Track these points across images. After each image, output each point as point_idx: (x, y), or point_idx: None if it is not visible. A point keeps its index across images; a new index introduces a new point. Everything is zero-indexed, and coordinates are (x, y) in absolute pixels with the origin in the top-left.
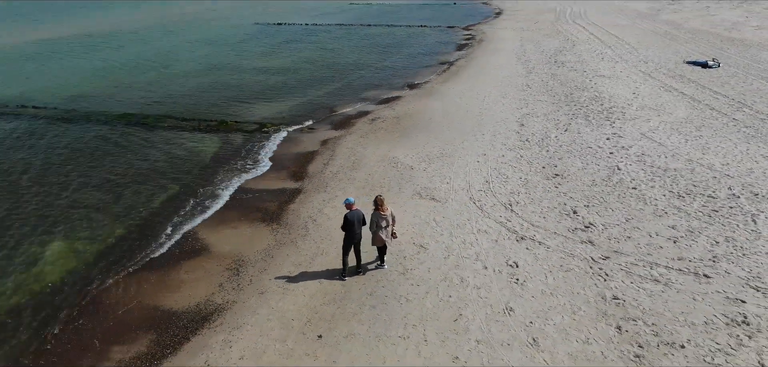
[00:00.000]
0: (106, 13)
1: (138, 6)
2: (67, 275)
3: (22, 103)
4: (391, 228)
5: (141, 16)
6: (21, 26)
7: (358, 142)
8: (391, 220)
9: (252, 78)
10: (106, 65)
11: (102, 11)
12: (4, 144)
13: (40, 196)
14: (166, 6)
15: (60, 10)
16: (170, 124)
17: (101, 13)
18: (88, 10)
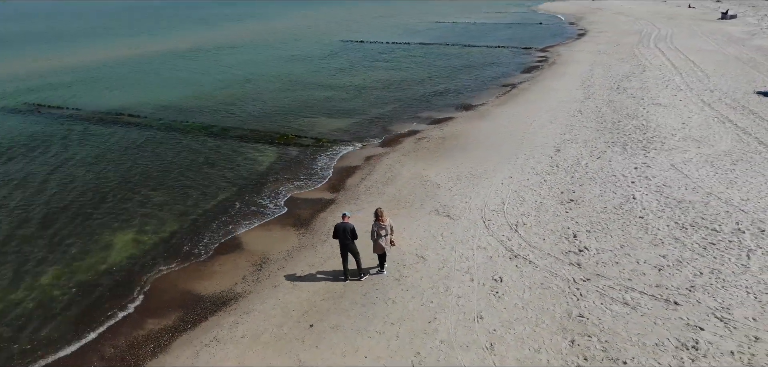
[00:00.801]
0: (211, 28)
1: (244, 22)
2: (128, 260)
3: (120, 111)
4: (390, 237)
5: (243, 32)
6: (135, 39)
7: (398, 159)
8: (390, 229)
9: (321, 94)
10: (196, 78)
11: (208, 26)
12: (100, 146)
13: (121, 192)
14: (270, 22)
15: (173, 23)
16: (239, 134)
17: (207, 28)
18: (197, 26)
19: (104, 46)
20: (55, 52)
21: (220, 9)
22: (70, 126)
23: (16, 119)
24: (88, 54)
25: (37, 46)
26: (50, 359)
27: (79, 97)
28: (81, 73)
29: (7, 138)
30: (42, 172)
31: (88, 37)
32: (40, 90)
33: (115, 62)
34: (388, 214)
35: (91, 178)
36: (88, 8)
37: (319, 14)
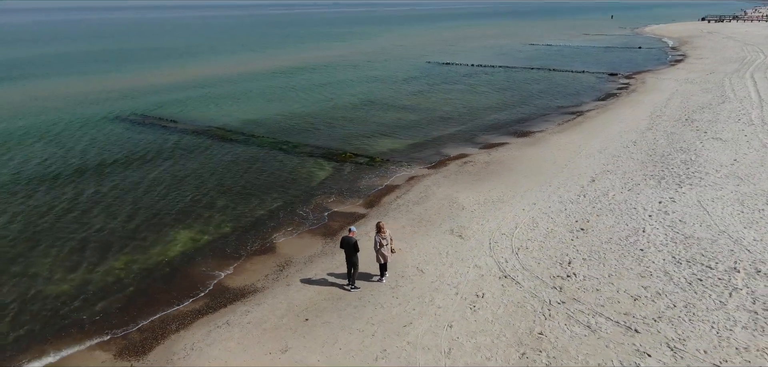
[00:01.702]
0: (311, 47)
1: (344, 41)
2: (182, 254)
3: (210, 124)
4: (390, 245)
5: (340, 51)
6: (240, 56)
7: (437, 181)
8: (390, 240)
9: (391, 115)
10: (286, 95)
11: (309, 45)
12: (186, 155)
13: (194, 196)
14: (368, 41)
15: (278, 41)
16: (307, 151)
17: (308, 46)
18: (300, 44)
19: (209, 63)
20: (165, 68)
21: (328, 28)
22: (166, 135)
23: (122, 127)
24: (192, 70)
25: (148, 61)
26: (102, 328)
27: (178, 109)
28: (182, 88)
29: (114, 143)
30: (133, 174)
31: (194, 55)
32: (146, 102)
33: (216, 78)
34: (411, 230)
35: (172, 182)
36: (198, 23)
37: (418, 34)
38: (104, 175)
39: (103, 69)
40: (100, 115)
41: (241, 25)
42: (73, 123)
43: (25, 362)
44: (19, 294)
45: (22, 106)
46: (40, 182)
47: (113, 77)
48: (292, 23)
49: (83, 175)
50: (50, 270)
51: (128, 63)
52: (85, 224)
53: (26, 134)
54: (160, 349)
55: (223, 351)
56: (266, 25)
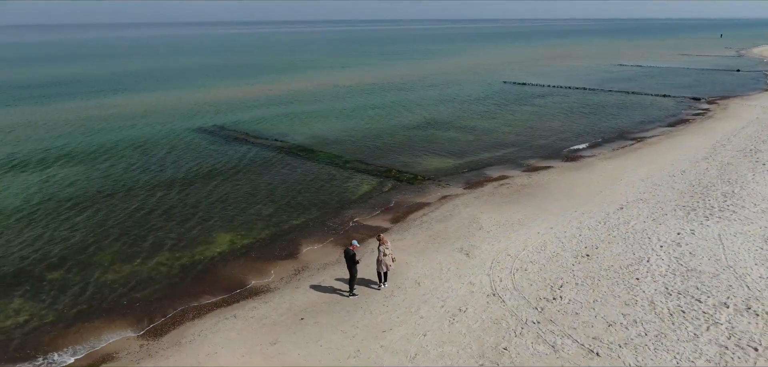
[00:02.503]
0: (393, 64)
1: (427, 59)
2: (219, 254)
3: (278, 137)
4: (391, 256)
5: (419, 69)
6: (324, 72)
7: (467, 201)
8: (390, 251)
9: (449, 135)
10: (355, 112)
11: (391, 62)
12: (248, 164)
13: (243, 203)
14: (451, 59)
15: (363, 58)
16: (358, 167)
17: (390, 64)
18: (383, 61)
19: (296, 79)
20: (254, 84)
21: (419, 45)
22: (236, 148)
23: (201, 138)
24: (279, 86)
25: (242, 77)
26: (135, 313)
27: (255, 124)
28: (264, 103)
29: (189, 153)
30: (199, 181)
31: (286, 71)
32: (228, 116)
33: (297, 95)
34: (424, 246)
35: (230, 190)
36: (303, 40)
37: (506, 53)
38: (174, 181)
39: (200, 83)
40: (185, 127)
41: (339, 42)
42: (159, 133)
43: (71, 334)
44: (81, 278)
45: (118, 118)
46: (120, 185)
47: (206, 91)
48: (389, 40)
49: (157, 180)
50: (110, 261)
51: (224, 78)
52: (147, 224)
53: (118, 142)
54: (174, 333)
55: (224, 339)
56: (363, 41)
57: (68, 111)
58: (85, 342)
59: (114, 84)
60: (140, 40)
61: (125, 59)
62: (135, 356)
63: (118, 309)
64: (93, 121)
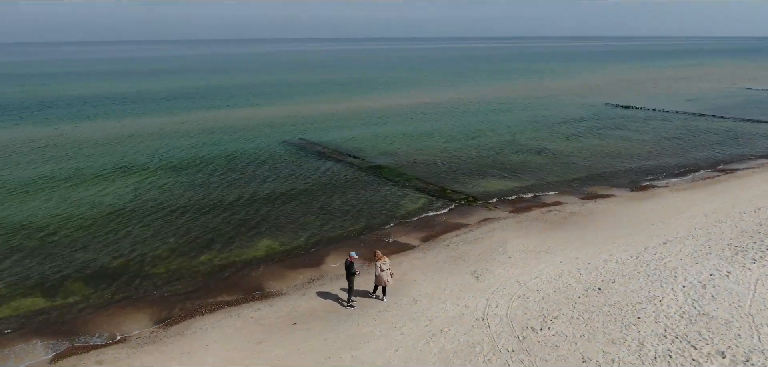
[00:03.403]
0: (497, 83)
1: (538, 77)
2: (253, 257)
3: (352, 152)
4: (389, 271)
5: (526, 89)
6: (419, 90)
7: (506, 225)
8: (388, 266)
9: (523, 157)
10: (433, 130)
11: (501, 79)
12: (314, 176)
13: (295, 211)
14: (564, 79)
15: (479, 75)
16: (415, 184)
17: (499, 81)
18: (492, 78)
19: (393, 95)
20: (354, 98)
21: (527, 63)
22: (310, 160)
23: (284, 149)
24: (375, 101)
25: (345, 91)
26: (161, 303)
27: (335, 137)
28: (353, 118)
29: (265, 161)
30: (263, 187)
31: (388, 86)
32: (314, 129)
33: (386, 110)
34: (440, 266)
35: (289, 197)
36: (417, 56)
37: (620, 72)
38: (246, 188)
39: (299, 98)
40: (274, 140)
41: (458, 59)
42: (248, 145)
43: (105, 318)
44: (134, 270)
45: (214, 130)
46: (199, 191)
47: (303, 106)
48: (507, 58)
49: (231, 187)
50: (164, 257)
51: (329, 93)
52: (210, 225)
53: (208, 153)
54: (182, 324)
55: (220, 334)
56: (481, 59)
57: (172, 122)
58: (112, 327)
59: (213, 97)
60: (263, 56)
61: (231, 74)
62: (144, 341)
63: (152, 300)
64: (191, 132)
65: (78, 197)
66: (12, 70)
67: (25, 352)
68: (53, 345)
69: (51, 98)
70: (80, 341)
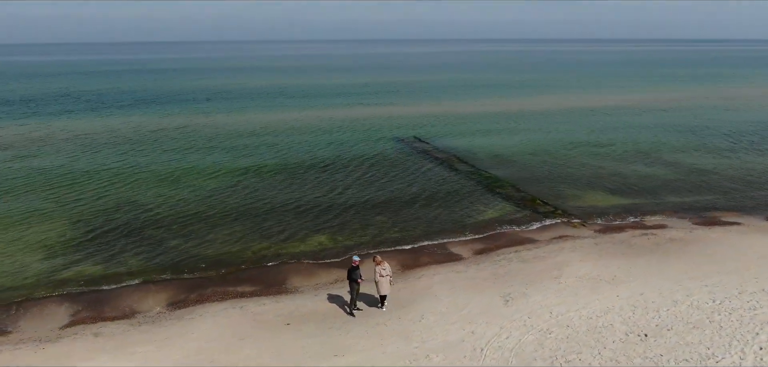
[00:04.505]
0: (641, 87)
1: (692, 83)
2: (299, 251)
3: (457, 153)
4: (389, 278)
5: (665, 94)
6: (547, 94)
7: (578, 246)
8: (388, 272)
9: (651, 171)
10: (548, 138)
11: (645, 84)
12: (406, 174)
13: (366, 207)
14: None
15: (621, 80)
16: (506, 191)
17: (644, 85)
18: (635, 82)
19: (521, 97)
20: (481, 99)
21: (681, 69)
22: (412, 157)
23: (392, 144)
24: (500, 103)
25: (475, 92)
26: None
27: (446, 137)
28: (476, 119)
29: (371, 155)
30: (356, 180)
31: (519, 88)
32: (429, 127)
33: (508, 113)
34: (474, 284)
35: (370, 193)
36: (567, 59)
37: None
38: (336, 177)
39: (430, 97)
40: (385, 136)
41: (604, 63)
42: (354, 137)
43: (135, 294)
44: (182, 246)
45: (329, 123)
46: (291, 178)
47: (431, 105)
48: (658, 62)
49: (322, 174)
50: (219, 239)
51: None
52: (278, 214)
53: (321, 140)
54: (188, 309)
55: (211, 324)
56: (648, 63)
57: (289, 117)
58: (134, 303)
59: (337, 94)
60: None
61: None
62: (146, 320)
63: (181, 282)
64: (307, 125)
65: (178, 180)
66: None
67: (44, 317)
68: (72, 313)
69: (245, 89)
70: (95, 312)
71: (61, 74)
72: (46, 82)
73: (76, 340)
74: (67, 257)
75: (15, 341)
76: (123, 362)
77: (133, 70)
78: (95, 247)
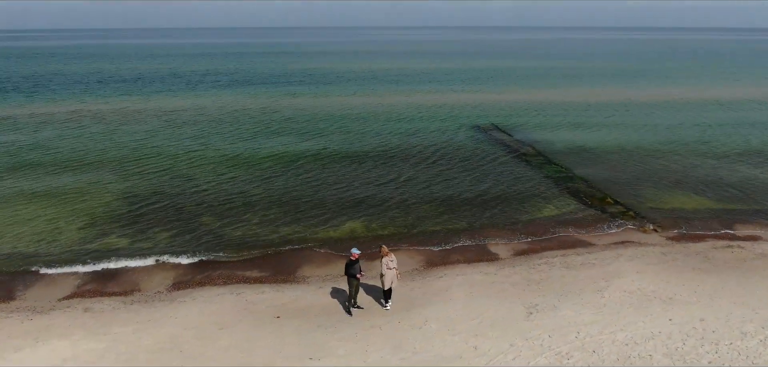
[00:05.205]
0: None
1: None
2: (325, 237)
3: (532, 142)
4: (396, 271)
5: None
6: (644, 84)
7: (639, 254)
8: (395, 263)
9: (752, 173)
10: (642, 132)
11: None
12: (471, 162)
13: (418, 192)
14: None
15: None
16: (575, 186)
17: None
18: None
19: (616, 87)
20: (578, 87)
21: None
22: (485, 145)
23: (468, 132)
24: (593, 92)
25: (569, 81)
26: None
27: (528, 125)
28: (559, 107)
29: (440, 141)
30: (418, 164)
31: (615, 77)
32: (511, 116)
33: (595, 103)
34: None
35: (428, 176)
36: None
37: None
38: (394, 162)
39: (518, 85)
40: (464, 124)
41: (726, 53)
42: (430, 124)
43: (147, 270)
44: (217, 226)
45: (410, 108)
46: (352, 160)
47: (525, 92)
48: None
49: (384, 160)
50: (254, 219)
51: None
52: (321, 197)
53: (394, 127)
54: (185, 291)
55: (199, 309)
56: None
57: (376, 101)
58: (139, 281)
59: (429, 79)
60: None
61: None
62: (140, 298)
63: (190, 263)
64: (386, 111)
65: (239, 161)
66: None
67: (51, 286)
68: (77, 285)
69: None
70: (99, 286)
71: (170, 56)
72: (154, 62)
73: (65, 313)
74: (103, 229)
75: (12, 309)
76: (91, 342)
77: (235, 54)
78: (132, 221)
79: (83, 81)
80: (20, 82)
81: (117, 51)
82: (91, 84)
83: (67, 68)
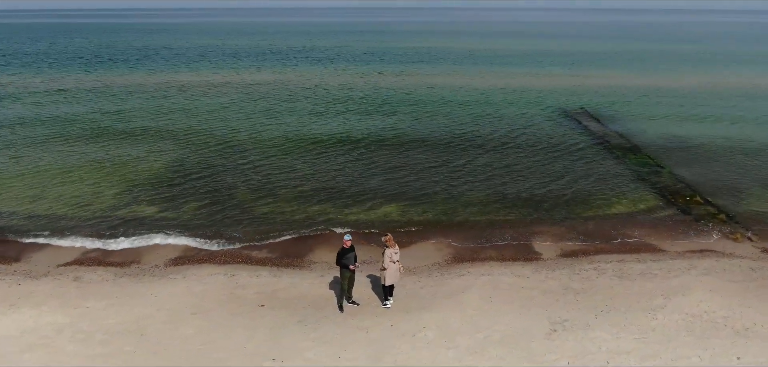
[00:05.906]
0: None
1: None
2: (353, 220)
3: (622, 131)
4: (400, 265)
5: None
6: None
7: (719, 268)
8: (399, 255)
9: None
10: (737, 126)
11: None
12: (548, 149)
13: (479, 178)
14: None
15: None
16: (662, 182)
17: None
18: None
19: (704, 72)
20: (661, 73)
21: None
22: (569, 130)
23: (551, 117)
24: (676, 78)
25: (656, 64)
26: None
27: (619, 112)
28: (646, 92)
29: (518, 125)
30: (484, 150)
31: (702, 63)
32: (602, 102)
33: (681, 89)
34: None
35: (490, 160)
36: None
37: None
38: (457, 147)
39: (625, 67)
40: (545, 105)
41: None
42: (516, 105)
43: (154, 248)
44: (247, 202)
45: (490, 88)
46: (417, 145)
47: (624, 75)
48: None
49: (452, 146)
50: (285, 199)
51: (642, 63)
52: (364, 182)
53: (470, 111)
54: (180, 267)
55: (181, 288)
56: None
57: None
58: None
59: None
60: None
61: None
62: (131, 272)
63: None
64: (467, 92)
65: (295, 139)
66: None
67: (57, 252)
68: (82, 253)
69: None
70: (101, 256)
71: (279, 33)
72: (257, 38)
73: (54, 281)
74: (136, 196)
75: (10, 271)
76: (57, 315)
77: (332, 32)
78: (167, 191)
79: (186, 54)
80: (131, 54)
81: (231, 27)
82: (193, 58)
83: (175, 42)
